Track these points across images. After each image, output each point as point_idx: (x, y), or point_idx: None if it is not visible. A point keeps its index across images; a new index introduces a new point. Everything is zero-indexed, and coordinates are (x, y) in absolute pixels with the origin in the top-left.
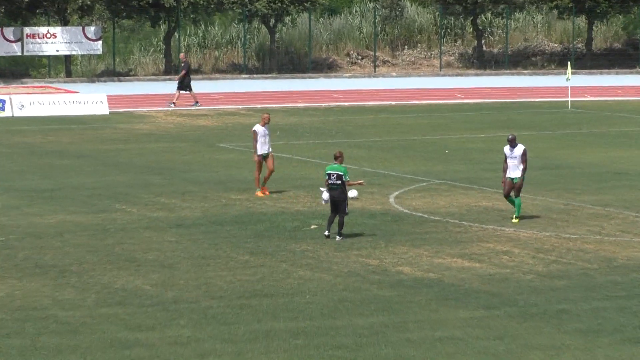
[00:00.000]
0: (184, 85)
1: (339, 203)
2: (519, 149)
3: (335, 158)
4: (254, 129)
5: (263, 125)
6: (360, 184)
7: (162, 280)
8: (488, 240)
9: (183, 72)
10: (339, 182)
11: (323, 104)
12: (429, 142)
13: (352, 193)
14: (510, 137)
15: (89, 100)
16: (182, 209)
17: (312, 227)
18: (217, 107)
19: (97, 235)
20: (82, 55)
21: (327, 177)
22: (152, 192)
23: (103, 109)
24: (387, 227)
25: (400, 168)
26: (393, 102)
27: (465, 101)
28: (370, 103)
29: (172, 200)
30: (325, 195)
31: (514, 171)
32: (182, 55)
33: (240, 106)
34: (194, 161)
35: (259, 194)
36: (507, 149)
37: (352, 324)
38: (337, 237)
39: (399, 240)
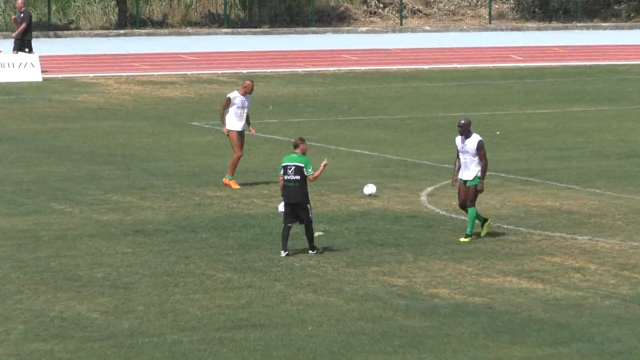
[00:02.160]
0: (25, 43)
1: (297, 207)
2: (473, 140)
3: (296, 147)
4: (228, 95)
5: (243, 95)
6: (324, 166)
7: (115, 306)
8: (554, 253)
9: (23, 25)
10: (298, 177)
11: (331, 69)
12: (474, 120)
13: (369, 189)
14: (461, 122)
15: (14, 62)
16: (141, 210)
17: (317, 234)
18: (189, 73)
19: (26, 245)
20: (6, 1)
21: (282, 172)
22: (100, 188)
23: (34, 74)
24: (417, 234)
25: (436, 155)
26: (426, 67)
27: (523, 65)
28: (395, 67)
29: (127, 198)
30: (281, 205)
31: (466, 170)
32: (19, 2)
33: (220, 71)
34: (156, 146)
35: (232, 184)
36: (458, 140)
37: None
38: (310, 251)
39: (434, 252)
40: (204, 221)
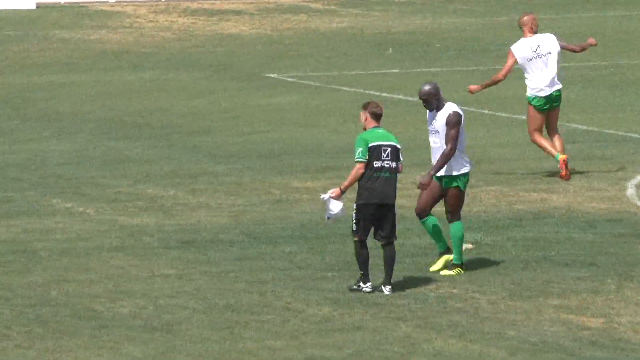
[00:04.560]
0: None
1: (385, 210)
2: (444, 112)
3: (378, 117)
4: (511, 47)
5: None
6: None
7: (151, 358)
8: None
9: None
10: (395, 164)
11: None
12: None
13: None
14: (424, 87)
15: None
16: (190, 210)
17: (465, 247)
18: None
19: (13, 264)
20: None
21: (364, 156)
22: (127, 175)
23: (26, 0)
24: (621, 248)
25: None
26: None
27: None
28: None
29: (169, 191)
30: (337, 205)
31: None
32: None
33: None
34: (213, 110)
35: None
36: (428, 115)
37: None
38: (385, 288)
39: None
40: (287, 227)
